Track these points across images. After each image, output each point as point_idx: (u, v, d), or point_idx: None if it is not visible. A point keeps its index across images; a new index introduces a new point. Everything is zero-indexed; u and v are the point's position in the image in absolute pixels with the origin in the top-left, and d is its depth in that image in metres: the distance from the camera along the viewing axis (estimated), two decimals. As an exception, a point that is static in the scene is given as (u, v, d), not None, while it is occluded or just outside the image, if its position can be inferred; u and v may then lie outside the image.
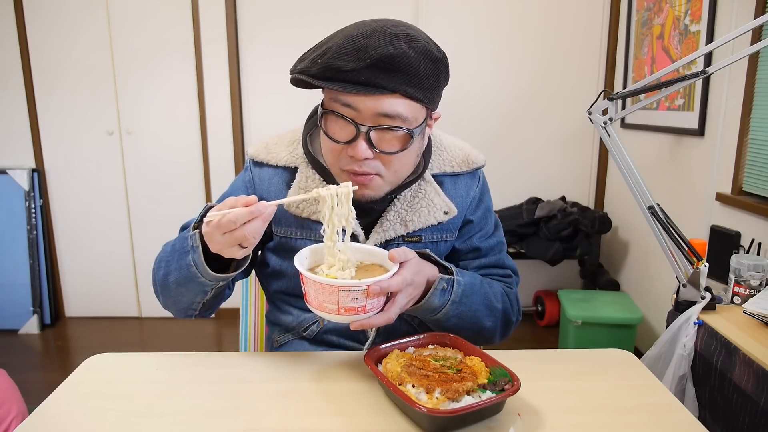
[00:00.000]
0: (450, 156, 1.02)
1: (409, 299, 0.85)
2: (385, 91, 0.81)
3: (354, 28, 0.84)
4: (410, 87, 0.82)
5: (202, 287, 0.89)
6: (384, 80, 0.81)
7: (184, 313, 0.98)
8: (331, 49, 0.81)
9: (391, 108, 0.82)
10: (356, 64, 0.80)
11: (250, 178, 1.02)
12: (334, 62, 0.80)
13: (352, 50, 0.80)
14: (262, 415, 0.76)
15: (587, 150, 3.03)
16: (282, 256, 1.02)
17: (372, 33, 0.81)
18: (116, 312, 3.17)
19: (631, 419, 0.76)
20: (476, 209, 1.04)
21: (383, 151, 0.86)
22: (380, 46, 0.80)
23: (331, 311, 0.78)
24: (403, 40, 0.81)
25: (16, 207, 2.93)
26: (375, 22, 0.84)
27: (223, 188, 2.34)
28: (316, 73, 0.82)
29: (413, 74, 0.82)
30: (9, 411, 1.32)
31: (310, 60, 0.84)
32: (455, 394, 0.72)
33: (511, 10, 2.85)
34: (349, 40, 0.81)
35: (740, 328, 1.25)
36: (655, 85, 1.39)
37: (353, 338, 1.02)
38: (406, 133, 0.85)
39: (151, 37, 2.86)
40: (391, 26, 0.83)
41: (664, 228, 1.34)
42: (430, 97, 0.86)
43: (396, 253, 0.82)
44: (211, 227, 0.78)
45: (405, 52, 0.80)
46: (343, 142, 0.86)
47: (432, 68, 0.84)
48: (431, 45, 0.85)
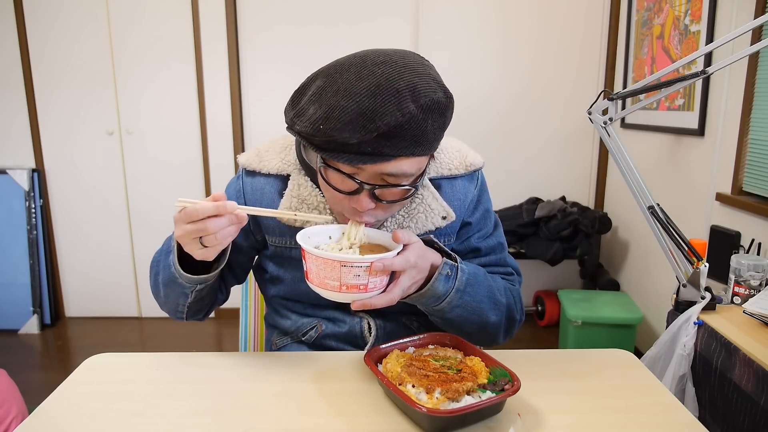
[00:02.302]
0: (447, 159, 1.01)
1: (412, 282, 0.84)
2: (392, 158, 0.78)
3: (356, 77, 0.75)
4: (417, 147, 0.79)
5: (182, 289, 0.90)
6: (390, 149, 0.77)
7: (174, 314, 0.99)
8: (333, 115, 0.75)
9: (397, 169, 0.79)
10: (362, 136, 0.74)
11: (241, 188, 1.01)
12: (339, 135, 0.75)
13: (356, 117, 0.74)
14: (262, 415, 0.76)
15: (587, 150, 3.03)
16: (279, 263, 1.02)
17: (377, 90, 0.74)
18: (116, 312, 3.17)
19: (631, 419, 0.76)
20: (474, 211, 1.03)
21: (387, 201, 0.84)
22: (387, 113, 0.73)
23: (332, 288, 0.77)
24: (411, 98, 0.74)
25: (16, 207, 2.93)
26: (379, 68, 0.75)
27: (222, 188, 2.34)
28: (320, 143, 0.78)
29: (420, 135, 0.77)
30: (9, 411, 1.32)
31: (309, 121, 0.77)
32: (455, 394, 0.72)
33: (511, 10, 2.85)
34: (353, 100, 0.74)
35: (740, 328, 1.25)
36: (655, 85, 1.39)
37: (352, 343, 1.02)
38: (409, 187, 0.84)
39: (151, 36, 2.86)
40: (396, 77, 0.75)
41: (664, 228, 1.34)
42: (435, 146, 0.83)
43: (400, 234, 0.82)
44: (182, 213, 0.78)
45: (413, 117, 0.74)
46: (345, 193, 0.83)
47: (439, 121, 0.79)
48: (438, 93, 0.77)
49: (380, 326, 1.01)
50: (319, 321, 1.02)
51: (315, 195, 0.95)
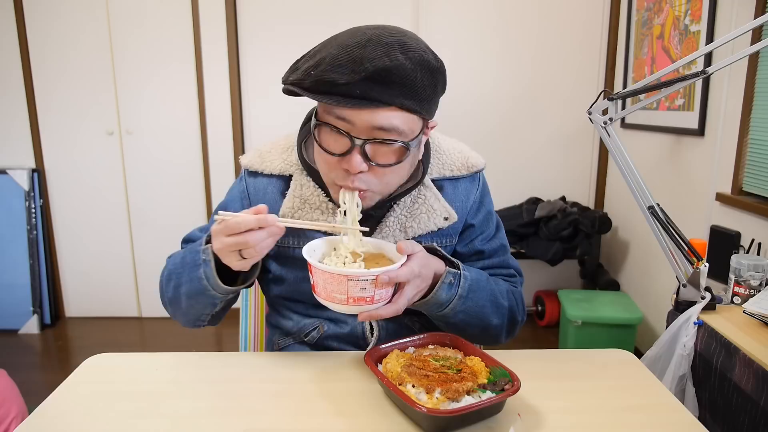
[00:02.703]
0: (449, 160, 1.01)
1: (417, 291, 0.85)
2: (381, 104, 0.78)
3: (349, 36, 0.80)
4: (406, 99, 0.80)
5: (212, 300, 0.91)
6: (379, 93, 0.78)
7: (192, 323, 0.99)
8: (324, 60, 0.78)
9: (387, 121, 0.80)
10: (351, 77, 0.76)
11: (245, 189, 1.01)
12: (327, 75, 0.77)
13: (346, 62, 0.77)
14: (262, 415, 0.77)
15: (587, 150, 3.03)
16: (281, 263, 1.02)
17: (367, 42, 0.77)
18: (116, 312, 3.17)
19: (631, 419, 0.76)
20: (477, 213, 1.03)
21: (378, 164, 0.84)
22: (376, 57, 0.76)
23: (340, 301, 0.78)
24: (400, 51, 0.78)
25: (16, 207, 2.93)
26: (371, 30, 0.80)
27: (223, 188, 2.34)
28: (310, 86, 0.79)
29: (410, 86, 0.79)
30: (9, 411, 1.32)
31: (302, 71, 0.80)
32: (455, 394, 0.72)
33: (511, 10, 2.85)
34: (344, 50, 0.78)
35: (740, 328, 1.25)
36: (655, 85, 1.39)
37: (354, 344, 1.02)
38: (402, 145, 0.83)
39: (151, 37, 2.86)
40: (387, 35, 0.79)
41: (664, 228, 1.34)
42: (426, 108, 0.84)
43: (404, 245, 0.83)
44: (221, 225, 0.80)
45: (401, 64, 0.77)
46: (337, 154, 0.83)
47: (429, 79, 0.81)
48: (428, 54, 0.81)
49: (382, 327, 1.01)
50: (321, 322, 1.02)
51: (317, 195, 0.95)
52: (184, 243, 1.04)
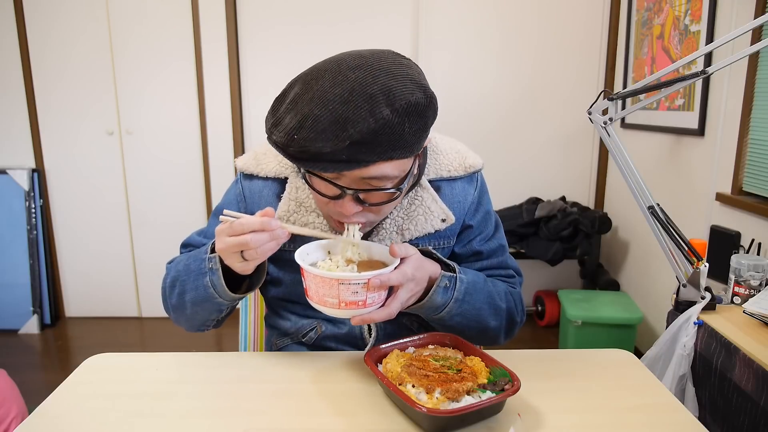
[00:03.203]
0: (447, 160, 1.00)
1: (411, 295, 0.84)
2: (369, 163, 0.76)
3: (331, 80, 0.74)
4: (395, 151, 0.76)
5: (218, 306, 0.91)
6: (367, 155, 0.75)
7: (197, 328, 0.99)
8: (306, 123, 0.73)
9: (377, 172, 0.78)
10: (335, 144, 0.72)
11: (241, 192, 1.01)
12: (312, 145, 0.73)
13: (329, 124, 0.72)
14: (262, 415, 0.76)
15: (587, 150, 3.03)
16: (278, 265, 1.02)
17: (350, 96, 0.72)
18: (116, 312, 3.17)
19: (631, 419, 0.76)
20: (475, 214, 1.02)
21: (372, 204, 0.84)
22: (360, 119, 0.71)
23: (332, 305, 0.78)
24: (385, 103, 0.72)
25: (16, 207, 2.93)
26: (354, 73, 0.74)
27: (222, 188, 2.34)
28: (295, 153, 0.76)
29: (397, 138, 0.75)
30: (9, 411, 1.32)
31: (285, 132, 0.75)
32: (455, 394, 0.72)
33: (512, 10, 2.85)
34: (326, 107, 0.72)
35: (740, 328, 1.25)
36: (655, 85, 1.39)
37: (352, 344, 1.02)
38: (394, 190, 0.83)
39: (151, 36, 2.86)
40: (370, 80, 0.73)
41: (664, 228, 1.34)
42: (417, 148, 0.80)
43: (397, 248, 0.82)
44: (224, 226, 0.81)
45: (388, 121, 0.72)
46: (329, 197, 0.83)
47: (419, 122, 0.76)
48: (416, 94, 0.74)
49: (380, 327, 1.01)
50: (319, 322, 1.02)
51: (313, 197, 0.95)
52: (183, 248, 1.04)
